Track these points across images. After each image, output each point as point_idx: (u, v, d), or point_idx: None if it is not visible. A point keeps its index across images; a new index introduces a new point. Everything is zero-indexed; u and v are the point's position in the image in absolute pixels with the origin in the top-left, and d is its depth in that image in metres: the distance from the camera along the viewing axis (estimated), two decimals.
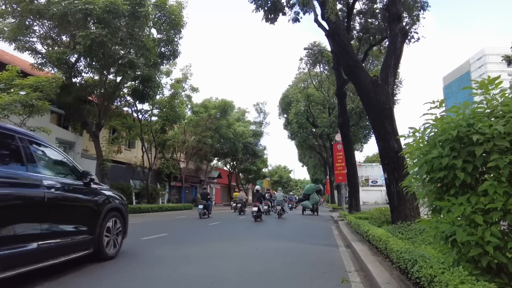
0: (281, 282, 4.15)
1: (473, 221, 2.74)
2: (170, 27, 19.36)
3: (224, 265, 5.07)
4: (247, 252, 6.34)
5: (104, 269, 4.59)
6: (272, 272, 4.68)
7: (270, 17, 14.68)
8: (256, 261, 5.47)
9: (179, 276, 4.38)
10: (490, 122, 2.80)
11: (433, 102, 3.40)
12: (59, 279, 3.93)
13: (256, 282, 4.13)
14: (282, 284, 4.03)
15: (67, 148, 19.24)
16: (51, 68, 17.08)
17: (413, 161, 3.53)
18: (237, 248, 6.82)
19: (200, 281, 4.12)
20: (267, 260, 5.55)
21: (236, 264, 5.21)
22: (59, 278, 3.98)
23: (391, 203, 8.47)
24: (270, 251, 6.50)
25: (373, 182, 51.32)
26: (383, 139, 8.65)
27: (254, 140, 41.11)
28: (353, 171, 17.52)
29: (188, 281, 4.11)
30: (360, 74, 9.38)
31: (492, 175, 2.78)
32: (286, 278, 4.35)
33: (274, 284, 4.06)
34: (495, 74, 3.42)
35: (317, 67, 30.30)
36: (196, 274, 4.48)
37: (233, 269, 4.83)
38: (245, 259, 5.67)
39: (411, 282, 3.47)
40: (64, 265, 4.33)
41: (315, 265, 5.21)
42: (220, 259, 5.56)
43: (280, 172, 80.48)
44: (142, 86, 20.21)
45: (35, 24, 16.12)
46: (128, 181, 24.18)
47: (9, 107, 11.66)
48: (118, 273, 4.41)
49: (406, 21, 14.69)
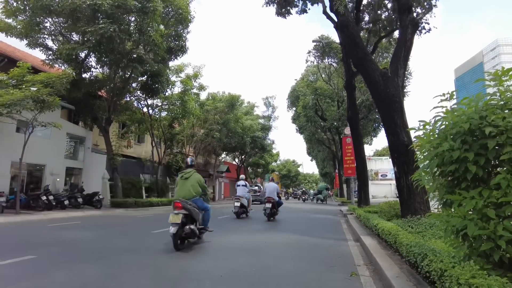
0: (290, 275, 4.17)
1: (485, 215, 2.70)
2: (178, 22, 19.36)
3: (236, 258, 5.11)
4: (257, 246, 6.37)
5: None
6: (282, 265, 4.70)
7: (282, 11, 14.41)
8: (265, 255, 5.50)
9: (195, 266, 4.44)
10: (504, 115, 2.74)
11: (443, 94, 3.34)
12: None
13: (265, 274, 4.16)
14: (291, 277, 4.05)
15: (77, 143, 19.54)
16: (62, 64, 17.29)
17: (424, 154, 3.48)
18: (247, 242, 6.85)
19: (211, 272, 4.17)
20: (276, 254, 5.58)
21: (247, 257, 5.25)
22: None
23: (401, 197, 8.40)
24: (280, 244, 6.53)
25: (382, 175, 50.77)
26: (393, 132, 8.55)
27: (263, 134, 41.06)
28: (363, 164, 17.37)
29: (198, 274, 4.17)
30: (370, 66, 9.25)
31: (505, 168, 2.73)
32: (295, 271, 4.37)
33: (283, 277, 4.08)
34: (509, 65, 3.33)
35: (325, 60, 29.98)
36: (207, 266, 4.53)
37: (244, 261, 4.87)
38: (255, 252, 5.71)
39: (421, 276, 3.45)
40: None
41: (324, 259, 5.22)
42: (232, 252, 5.60)
43: (289, 166, 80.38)
44: (151, 81, 20.34)
45: (46, 20, 16.29)
46: (138, 176, 24.44)
47: (21, 103, 11.87)
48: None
49: (417, 12, 14.36)
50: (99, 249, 5.77)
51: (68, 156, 18.75)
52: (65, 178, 18.23)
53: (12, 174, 15.00)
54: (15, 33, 15.69)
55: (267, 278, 4.02)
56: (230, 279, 3.93)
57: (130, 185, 22.24)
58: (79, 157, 19.49)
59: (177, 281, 3.86)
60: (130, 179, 22.61)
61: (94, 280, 3.77)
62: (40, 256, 5.02)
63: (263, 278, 4.00)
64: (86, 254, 5.27)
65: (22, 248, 5.70)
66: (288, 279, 3.96)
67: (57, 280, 3.73)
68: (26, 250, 5.42)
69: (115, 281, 3.77)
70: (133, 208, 17.56)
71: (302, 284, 3.77)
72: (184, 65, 25.18)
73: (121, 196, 18.56)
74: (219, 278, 3.95)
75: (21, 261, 4.63)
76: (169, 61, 21.19)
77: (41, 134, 15.67)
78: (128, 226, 9.98)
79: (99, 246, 6.07)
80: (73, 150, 19.44)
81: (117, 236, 7.46)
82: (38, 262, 4.61)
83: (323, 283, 3.84)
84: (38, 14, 15.34)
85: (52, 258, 4.98)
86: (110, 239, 6.89)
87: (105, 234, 7.77)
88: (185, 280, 3.89)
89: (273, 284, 3.76)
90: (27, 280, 3.74)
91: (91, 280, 3.77)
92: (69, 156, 18.84)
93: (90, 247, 5.91)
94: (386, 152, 50.25)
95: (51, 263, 4.56)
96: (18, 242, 6.56)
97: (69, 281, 3.72)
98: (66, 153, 18.52)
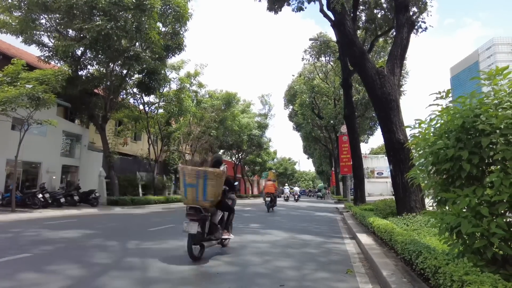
0: (286, 272, 4.18)
1: (478, 212, 2.73)
2: (176, 20, 19.23)
3: (234, 257, 5.12)
4: (251, 244, 6.38)
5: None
6: (278, 262, 4.72)
7: (274, 6, 14.23)
8: (261, 252, 5.51)
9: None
10: (497, 113, 2.76)
11: (439, 92, 3.37)
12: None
13: (260, 272, 4.18)
14: (287, 275, 4.06)
15: (74, 140, 19.44)
16: (58, 61, 17.15)
17: (419, 152, 3.51)
18: (241, 240, 6.86)
19: (208, 271, 4.18)
20: (272, 251, 5.60)
21: (242, 255, 5.26)
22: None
23: (397, 195, 8.46)
24: (275, 242, 6.54)
25: (378, 173, 51.04)
26: (389, 131, 8.60)
27: (259, 132, 41.05)
28: (359, 162, 17.44)
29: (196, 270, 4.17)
30: (366, 64, 9.28)
31: (498, 166, 2.76)
32: (291, 268, 4.39)
33: (279, 273, 4.09)
34: (505, 64, 3.36)
35: (322, 58, 30.06)
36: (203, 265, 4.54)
37: (239, 259, 4.88)
38: (251, 249, 5.72)
39: (415, 273, 3.48)
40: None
41: (320, 256, 5.24)
42: (229, 250, 5.61)
43: (285, 164, 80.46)
44: (147, 79, 20.22)
45: (42, 17, 16.13)
46: (134, 173, 24.38)
47: (16, 100, 11.76)
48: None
49: (413, 10, 14.39)
50: (95, 247, 5.75)
51: (64, 154, 18.66)
52: (61, 176, 18.15)
53: (8, 172, 14.92)
54: (10, 30, 15.49)
55: (263, 276, 4.04)
56: (225, 275, 3.94)
57: (127, 183, 22.19)
58: (75, 154, 19.40)
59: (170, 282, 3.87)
60: (127, 177, 22.55)
61: (88, 279, 3.77)
62: (35, 254, 5.01)
63: (258, 275, 4.02)
64: (81, 253, 5.25)
65: (17, 246, 5.67)
66: (283, 276, 3.98)
67: (51, 279, 3.72)
68: (21, 248, 5.40)
69: (109, 279, 3.77)
70: (130, 206, 17.51)
71: (298, 281, 3.79)
72: (184, 62, 24.94)
73: (118, 194, 18.51)
74: (216, 275, 3.96)
75: (16, 259, 4.61)
76: (167, 59, 21.09)
77: (37, 131, 15.57)
78: (124, 224, 9.97)
79: (94, 244, 6.06)
80: (69, 147, 19.34)
81: (113, 235, 7.44)
82: (33, 260, 4.60)
83: (319, 280, 3.86)
84: (34, 11, 15.19)
85: (47, 256, 4.96)
86: (106, 238, 6.88)
87: (101, 232, 7.75)
88: (184, 280, 3.90)
89: (268, 281, 3.78)
90: (22, 278, 3.73)
91: (85, 279, 3.77)
92: (65, 154, 18.75)
93: (85, 246, 5.89)
94: (382, 150, 50.46)
95: (46, 262, 4.54)
96: (13, 240, 6.53)
97: (63, 279, 3.71)
98: (62, 150, 18.43)
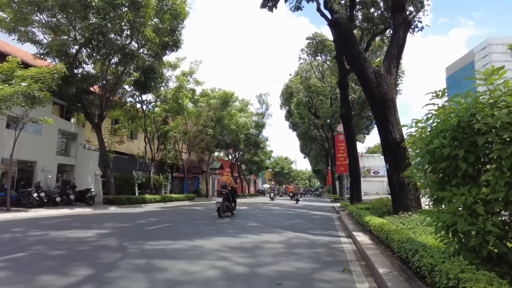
0: (283, 271, 4.19)
1: (474, 211, 2.75)
2: (173, 17, 19.13)
3: (230, 256, 5.13)
4: (250, 242, 6.39)
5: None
6: (275, 261, 4.72)
7: (268, 3, 14.03)
8: (259, 251, 5.52)
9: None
10: (493, 112, 2.78)
11: (435, 92, 3.39)
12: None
13: (259, 271, 4.18)
14: (285, 274, 4.07)
15: (69, 139, 19.32)
16: (53, 59, 17.01)
17: (415, 151, 3.53)
18: (241, 240, 6.86)
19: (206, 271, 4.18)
20: (270, 250, 5.61)
21: (240, 254, 5.27)
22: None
23: (393, 194, 8.50)
24: (273, 242, 6.55)
25: (374, 172, 51.28)
26: (385, 130, 8.63)
27: (256, 131, 41.07)
28: (355, 161, 17.51)
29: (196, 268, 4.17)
30: (363, 64, 9.31)
31: (494, 165, 2.78)
32: (288, 267, 4.40)
33: (277, 273, 4.10)
34: (500, 64, 3.38)
35: (318, 58, 30.13)
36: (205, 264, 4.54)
37: (237, 259, 4.88)
38: (247, 248, 5.72)
39: (411, 271, 3.50)
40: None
41: (317, 255, 5.26)
42: (227, 251, 5.61)
43: (282, 163, 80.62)
44: (144, 77, 20.11)
45: (35, 14, 15.93)
46: (131, 172, 24.29)
47: (11, 99, 11.67)
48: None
49: (410, 10, 14.45)
50: (90, 247, 5.73)
51: (60, 153, 18.55)
52: (57, 175, 18.04)
53: (3, 170, 14.81)
54: (4, 27, 15.28)
55: (261, 275, 4.05)
56: (224, 276, 3.94)
57: (123, 181, 22.10)
58: (71, 153, 19.29)
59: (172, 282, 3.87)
60: (123, 176, 22.46)
61: (83, 279, 3.75)
62: (31, 253, 4.97)
63: (256, 274, 4.02)
64: (76, 253, 5.23)
65: (12, 246, 5.63)
66: (280, 275, 3.99)
67: (46, 279, 3.70)
68: (16, 248, 5.36)
69: (104, 280, 3.76)
70: (126, 205, 17.45)
71: (295, 279, 3.80)
72: (180, 59, 24.79)
73: (114, 193, 18.43)
74: (212, 274, 3.96)
75: (11, 259, 4.58)
76: (163, 56, 20.98)
77: (32, 130, 15.47)
78: (120, 223, 9.92)
79: (90, 244, 6.03)
80: (65, 146, 19.23)
81: (108, 234, 7.42)
82: (28, 260, 4.57)
83: (315, 279, 3.87)
84: (25, 9, 14.95)
85: (43, 256, 4.93)
86: (102, 237, 6.85)
87: (97, 232, 7.72)
88: (182, 280, 3.90)
89: (265, 279, 3.78)
90: (17, 278, 3.70)
91: (80, 279, 3.75)
92: (61, 152, 18.64)
93: (80, 245, 5.86)
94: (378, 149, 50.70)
95: (41, 261, 4.51)
96: (8, 239, 6.48)
97: (58, 279, 3.69)
98: (58, 149, 18.31)
